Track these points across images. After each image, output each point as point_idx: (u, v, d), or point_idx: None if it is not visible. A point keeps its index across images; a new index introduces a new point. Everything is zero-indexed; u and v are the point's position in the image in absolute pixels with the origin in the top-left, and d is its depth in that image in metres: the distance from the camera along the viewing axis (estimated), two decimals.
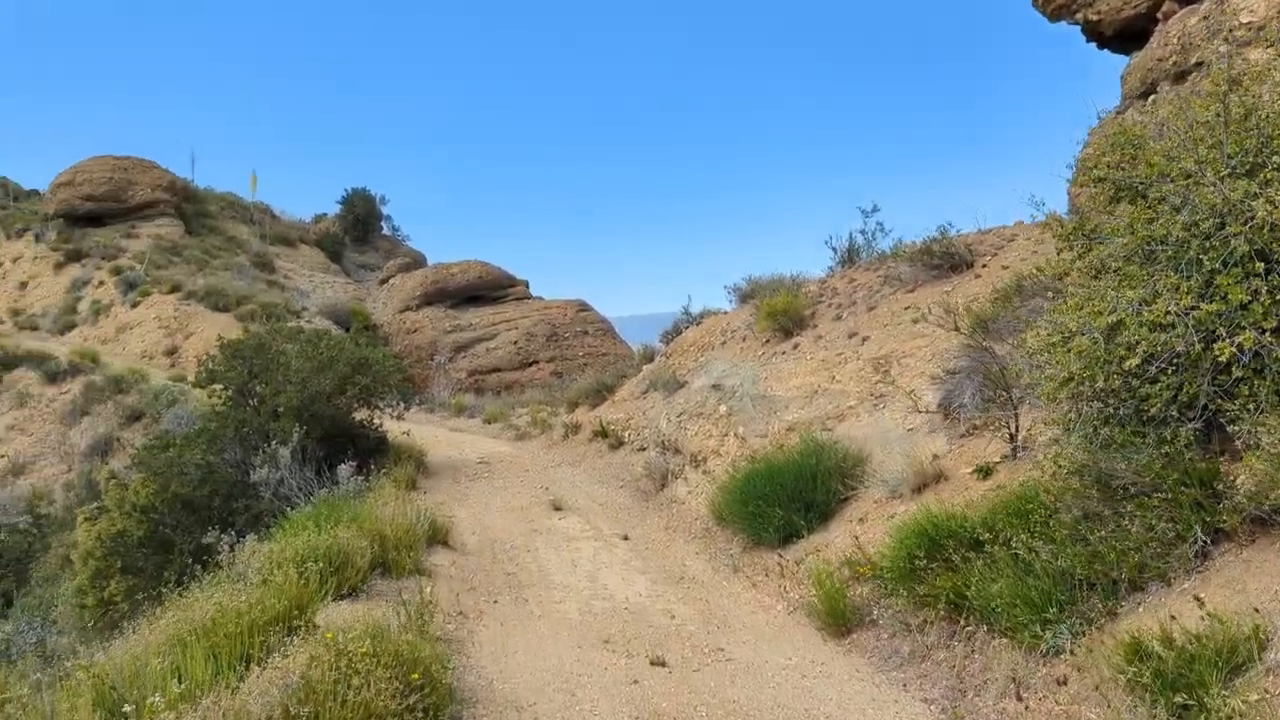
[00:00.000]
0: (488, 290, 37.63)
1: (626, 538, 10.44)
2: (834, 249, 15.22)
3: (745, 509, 9.13)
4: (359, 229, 50.84)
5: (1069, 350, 5.33)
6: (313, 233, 49.15)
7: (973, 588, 5.38)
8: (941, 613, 5.74)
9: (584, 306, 38.01)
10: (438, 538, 9.54)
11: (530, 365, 34.57)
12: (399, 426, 15.33)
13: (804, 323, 12.56)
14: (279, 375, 13.35)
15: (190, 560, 11.28)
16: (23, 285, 38.04)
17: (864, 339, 11.00)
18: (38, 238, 39.87)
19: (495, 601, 7.72)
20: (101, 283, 35.78)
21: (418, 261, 45.79)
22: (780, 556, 8.34)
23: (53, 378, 26.45)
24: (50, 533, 18.27)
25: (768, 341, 12.89)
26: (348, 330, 30.54)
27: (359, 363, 13.87)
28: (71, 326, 34.46)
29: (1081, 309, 5.43)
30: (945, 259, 11.51)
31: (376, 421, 14.79)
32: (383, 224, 53.32)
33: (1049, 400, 5.85)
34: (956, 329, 8.04)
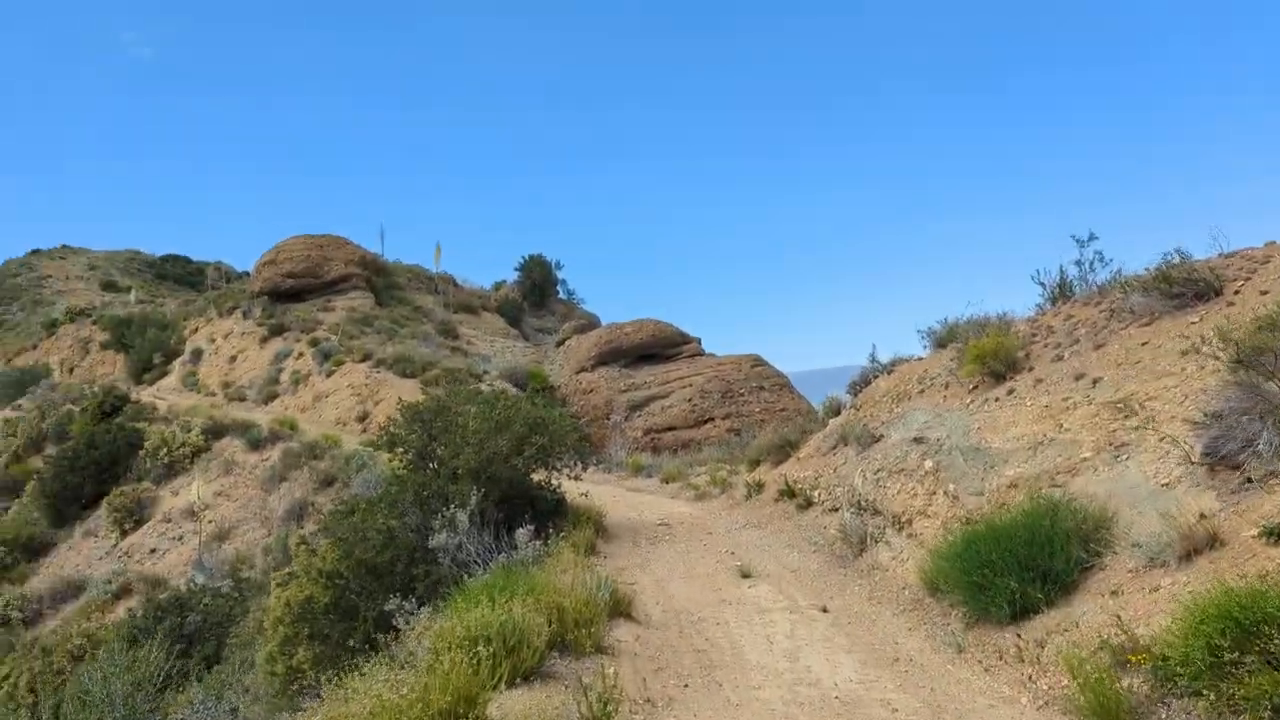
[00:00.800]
0: (660, 348, 37.32)
1: (825, 610, 9.37)
2: (1042, 284, 13.72)
3: (967, 578, 7.92)
4: (536, 294, 52.10)
5: None
6: (493, 299, 50.70)
7: None
8: None
9: (758, 361, 37.04)
10: (619, 609, 8.79)
11: (706, 422, 33.81)
12: (577, 487, 14.82)
13: (1017, 365, 11.20)
14: (457, 437, 13.10)
15: (373, 628, 11.05)
16: (232, 359, 40.67)
17: (1094, 380, 9.59)
18: (245, 314, 42.68)
19: (686, 686, 6.85)
20: (301, 354, 37.73)
21: (592, 323, 46.28)
22: (1018, 636, 7.08)
23: (255, 445, 27.75)
24: (249, 597, 18.73)
25: (975, 387, 11.58)
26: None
27: (535, 422, 13.46)
28: (274, 396, 36.40)
29: None
30: (1187, 286, 9.95)
31: (555, 482, 14.33)
32: (558, 288, 54.47)
33: None
34: (1240, 361, 6.67)
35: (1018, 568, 7.48)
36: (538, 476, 14.06)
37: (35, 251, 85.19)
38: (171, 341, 45.53)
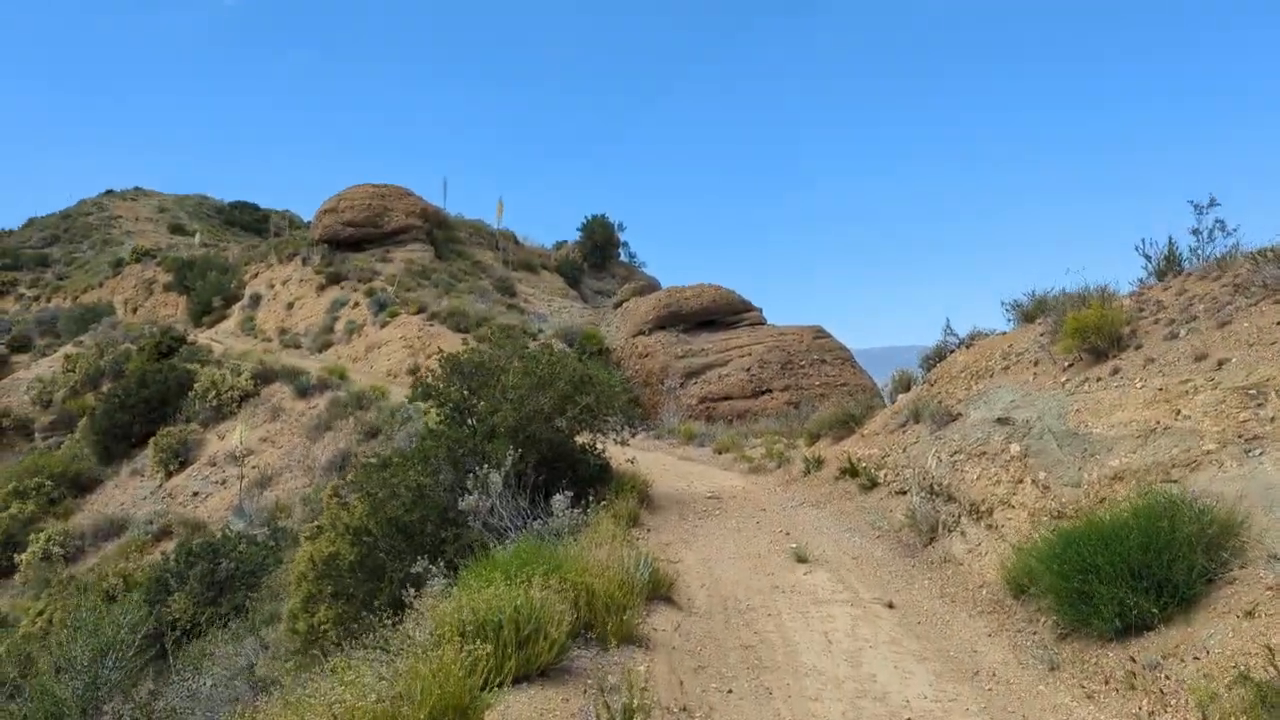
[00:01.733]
0: (721, 315, 36.07)
1: (891, 605, 8.31)
2: (1147, 256, 12.29)
3: (1063, 582, 6.78)
4: (597, 255, 51.08)
5: None
6: (553, 259, 49.87)
7: None
8: None
9: (821, 333, 35.61)
10: (660, 590, 7.86)
11: (763, 394, 32.57)
12: (624, 453, 13.88)
13: (1122, 342, 9.90)
14: (496, 392, 12.22)
15: (399, 591, 10.25)
16: (289, 306, 40.44)
17: (1219, 362, 8.31)
18: (304, 261, 42.38)
19: (729, 691, 5.86)
20: (357, 304, 37.28)
21: (652, 286, 45.12)
22: (1130, 659, 5.96)
23: (303, 393, 27.29)
24: (284, 547, 18.23)
25: (1071, 365, 10.31)
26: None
27: (581, 380, 12.49)
28: (328, 345, 36.03)
29: None
30: None
31: (600, 446, 13.39)
32: (620, 251, 53.37)
33: None
34: None
35: (1129, 575, 6.34)
36: (582, 439, 13.15)
37: (109, 192, 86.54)
38: (232, 286, 45.54)
